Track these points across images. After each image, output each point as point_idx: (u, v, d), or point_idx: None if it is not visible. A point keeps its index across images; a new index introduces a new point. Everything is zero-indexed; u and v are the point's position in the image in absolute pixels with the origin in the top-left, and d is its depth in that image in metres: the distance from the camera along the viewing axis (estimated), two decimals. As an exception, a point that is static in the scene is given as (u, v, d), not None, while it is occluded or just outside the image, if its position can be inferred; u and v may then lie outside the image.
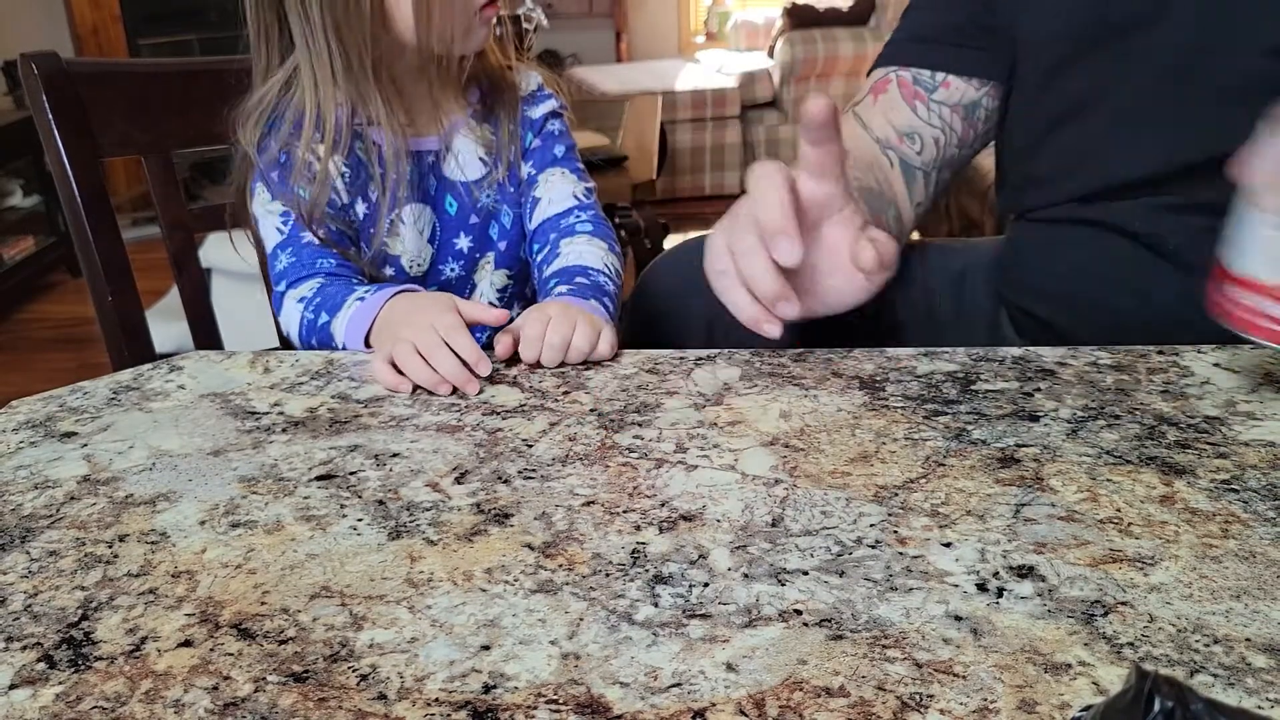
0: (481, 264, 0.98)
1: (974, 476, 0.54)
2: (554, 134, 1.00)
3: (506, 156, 0.97)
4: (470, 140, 0.96)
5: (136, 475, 0.58)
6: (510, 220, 0.98)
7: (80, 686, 0.41)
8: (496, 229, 0.98)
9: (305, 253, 0.88)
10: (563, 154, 0.99)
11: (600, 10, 4.91)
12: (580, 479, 0.56)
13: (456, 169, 0.96)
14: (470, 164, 0.96)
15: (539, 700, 0.39)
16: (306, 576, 0.48)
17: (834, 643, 0.42)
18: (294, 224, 0.89)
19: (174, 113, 0.99)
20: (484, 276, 0.99)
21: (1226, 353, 0.69)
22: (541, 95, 1.00)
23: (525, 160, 0.98)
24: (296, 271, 0.88)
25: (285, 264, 0.88)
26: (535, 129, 0.99)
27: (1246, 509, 0.50)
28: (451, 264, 0.96)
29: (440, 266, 0.96)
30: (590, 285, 0.86)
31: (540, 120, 0.99)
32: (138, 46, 4.06)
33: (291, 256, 0.88)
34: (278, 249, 0.89)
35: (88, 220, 0.93)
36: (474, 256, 0.98)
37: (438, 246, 0.95)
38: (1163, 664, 0.40)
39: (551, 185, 0.97)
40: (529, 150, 0.99)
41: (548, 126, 0.99)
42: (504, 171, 0.97)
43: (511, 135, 0.97)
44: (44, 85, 0.90)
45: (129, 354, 0.96)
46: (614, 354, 0.73)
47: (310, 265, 0.87)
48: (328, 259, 0.88)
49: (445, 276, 0.97)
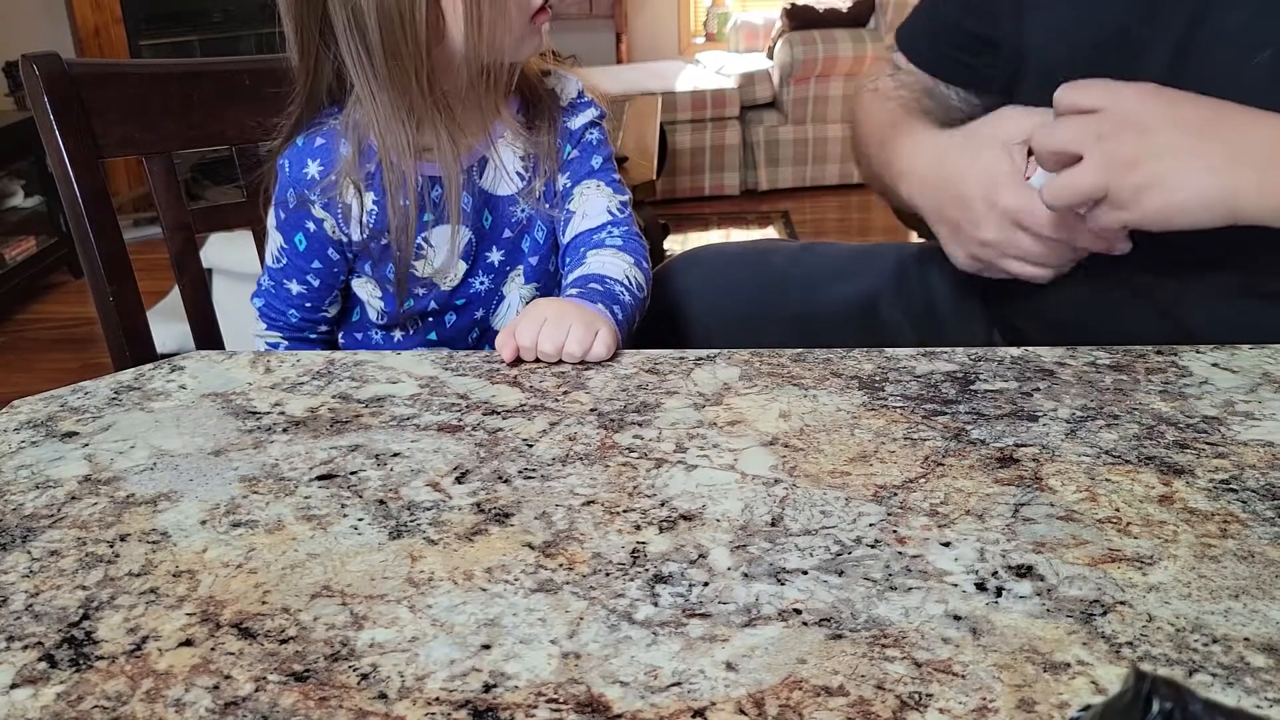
0: (511, 277, 0.96)
1: (973, 476, 0.54)
2: (592, 144, 0.97)
3: (544, 169, 0.94)
4: (509, 153, 0.93)
5: (138, 475, 0.58)
6: (543, 235, 0.96)
7: (81, 686, 0.41)
8: (529, 242, 0.96)
9: (282, 296, 0.94)
10: (600, 165, 0.96)
11: (600, 12, 4.91)
12: (580, 479, 0.56)
13: (495, 182, 0.93)
14: (509, 177, 0.93)
15: (539, 699, 0.39)
16: (307, 576, 0.48)
17: (833, 642, 0.42)
18: (284, 266, 0.93)
19: (175, 113, 0.99)
20: (513, 289, 0.97)
21: (1225, 353, 0.69)
22: (582, 104, 0.97)
23: (562, 172, 0.95)
24: (269, 307, 0.95)
25: (266, 286, 0.95)
26: (574, 140, 0.96)
27: (1245, 509, 0.51)
28: (481, 277, 0.95)
29: (470, 280, 0.94)
30: (603, 292, 0.84)
31: (579, 130, 0.96)
32: (139, 47, 4.06)
33: (272, 289, 0.95)
34: (266, 270, 0.95)
35: (89, 221, 0.93)
36: (504, 270, 0.95)
37: (471, 262, 0.93)
38: (1161, 663, 0.40)
39: (587, 199, 0.95)
40: (566, 161, 0.95)
41: (586, 136, 0.96)
42: (541, 185, 0.94)
43: (551, 147, 0.94)
44: (45, 86, 0.91)
45: (130, 354, 0.96)
46: (611, 355, 0.73)
47: (281, 314, 0.95)
48: (298, 311, 0.95)
49: (474, 289, 0.95)
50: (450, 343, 0.97)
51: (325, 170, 0.88)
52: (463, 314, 0.96)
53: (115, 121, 0.95)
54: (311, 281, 0.93)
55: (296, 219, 0.90)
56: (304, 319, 0.95)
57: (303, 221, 0.90)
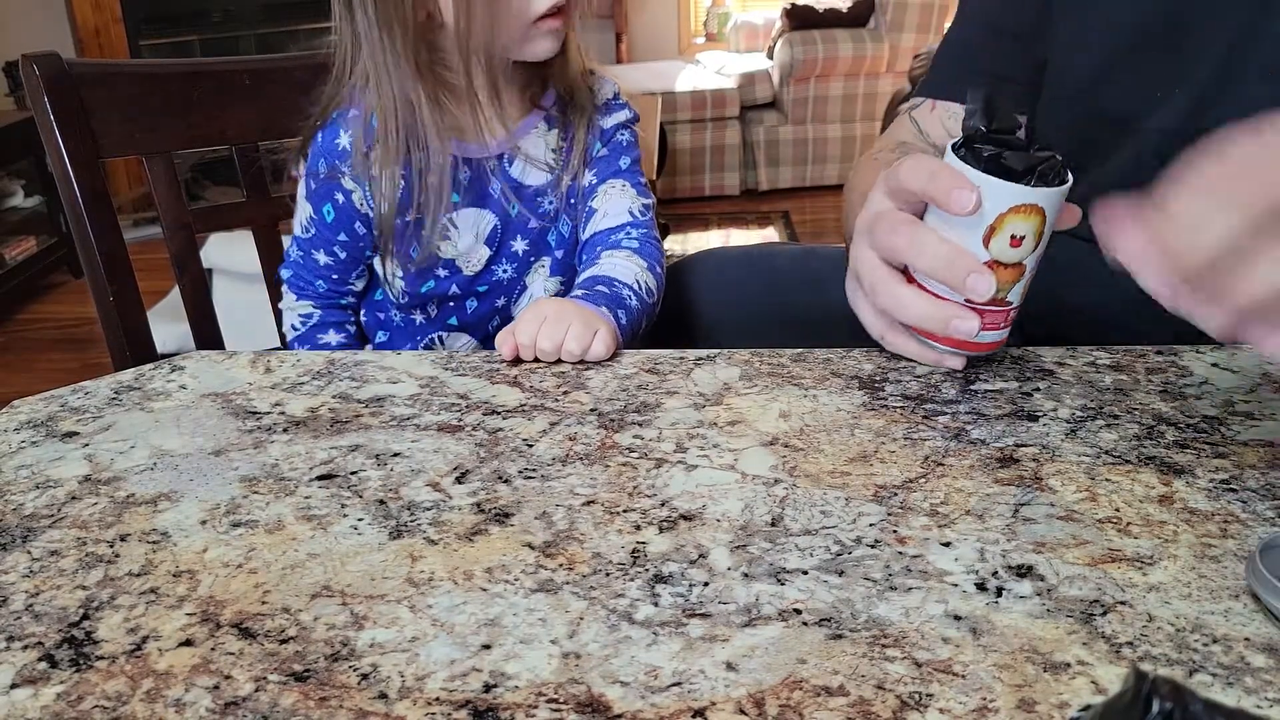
0: (536, 267, 0.98)
1: (973, 476, 0.54)
2: (622, 145, 0.98)
3: (574, 164, 0.96)
4: (540, 144, 0.95)
5: (138, 475, 0.58)
6: (569, 229, 0.97)
7: (81, 686, 0.41)
8: (555, 235, 0.97)
9: (310, 265, 0.96)
10: (627, 166, 0.98)
11: (600, 12, 4.91)
12: (580, 479, 0.56)
13: (524, 172, 0.94)
14: (537, 168, 0.95)
15: (539, 699, 0.39)
16: (307, 576, 0.48)
17: (833, 642, 0.42)
18: (313, 236, 0.95)
19: (175, 114, 0.99)
20: (537, 280, 0.98)
21: (1225, 353, 0.69)
22: (616, 105, 0.99)
23: (589, 168, 0.97)
24: (299, 276, 0.97)
25: (294, 256, 0.97)
26: (605, 138, 0.98)
27: (1245, 509, 0.51)
28: (505, 265, 0.96)
29: (494, 267, 0.95)
30: (608, 294, 0.84)
31: (611, 130, 0.98)
32: (139, 47, 4.06)
33: (300, 259, 0.96)
34: (295, 241, 0.97)
35: (89, 221, 0.93)
36: (528, 260, 0.97)
37: (495, 249, 0.94)
38: (1161, 663, 0.40)
39: (610, 198, 0.96)
40: (595, 159, 0.97)
41: (617, 137, 0.98)
42: (569, 179, 0.95)
43: (583, 143, 0.96)
44: (45, 86, 0.91)
45: (130, 354, 0.96)
46: (610, 355, 0.73)
47: (310, 284, 0.97)
48: (325, 281, 0.97)
49: (497, 277, 0.96)
50: (470, 329, 0.98)
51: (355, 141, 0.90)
52: (484, 300, 0.97)
53: (115, 121, 0.95)
54: (339, 254, 0.95)
55: (326, 190, 0.92)
56: (331, 289, 0.97)
57: (332, 193, 0.92)
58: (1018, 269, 0.62)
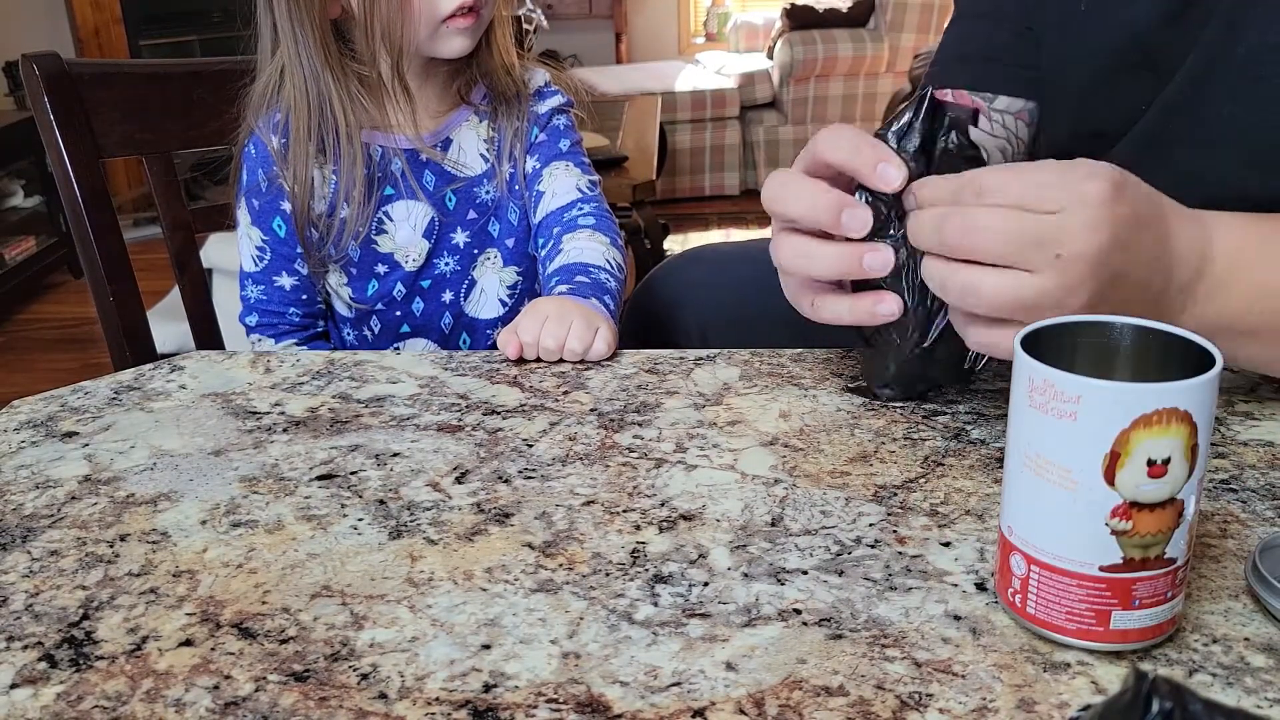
0: (482, 260, 0.98)
1: (973, 476, 0.54)
2: (559, 129, 1.00)
3: (510, 152, 0.97)
4: (472, 136, 0.97)
5: (138, 475, 0.58)
6: (517, 217, 0.99)
7: (81, 686, 0.41)
8: (499, 226, 0.98)
9: (276, 296, 0.95)
10: (568, 148, 1.00)
11: (600, 11, 4.92)
12: (580, 479, 0.56)
13: (457, 164, 0.96)
14: (471, 160, 0.97)
15: (539, 699, 0.39)
16: (307, 576, 0.48)
17: (833, 642, 0.42)
18: (270, 261, 0.94)
19: (175, 113, 0.99)
20: (487, 273, 0.99)
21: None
22: (548, 91, 1.01)
23: (530, 155, 0.99)
24: (267, 316, 0.95)
25: (255, 296, 0.95)
26: (541, 124, 0.99)
27: (1245, 509, 0.51)
28: (447, 258, 0.97)
29: (435, 261, 0.96)
30: (591, 284, 0.86)
31: (546, 115, 1.00)
32: (139, 47, 4.06)
33: (263, 295, 0.95)
34: (249, 278, 0.95)
35: (89, 220, 0.93)
36: (471, 252, 0.98)
37: (434, 241, 0.96)
38: (1161, 663, 0.40)
39: (555, 179, 0.98)
40: (534, 144, 0.99)
41: (553, 122, 1.00)
42: (508, 168, 0.97)
43: (517, 132, 0.97)
44: (45, 86, 0.91)
45: (130, 354, 0.96)
46: (611, 352, 0.73)
47: (281, 317, 0.96)
48: (295, 307, 0.96)
49: (440, 271, 0.97)
50: (424, 332, 0.99)
51: (286, 143, 0.90)
52: (430, 299, 0.97)
53: (115, 121, 0.95)
54: (299, 269, 0.94)
55: (271, 204, 0.92)
56: (305, 315, 0.97)
57: (278, 204, 0.92)
58: (1172, 509, 0.39)
